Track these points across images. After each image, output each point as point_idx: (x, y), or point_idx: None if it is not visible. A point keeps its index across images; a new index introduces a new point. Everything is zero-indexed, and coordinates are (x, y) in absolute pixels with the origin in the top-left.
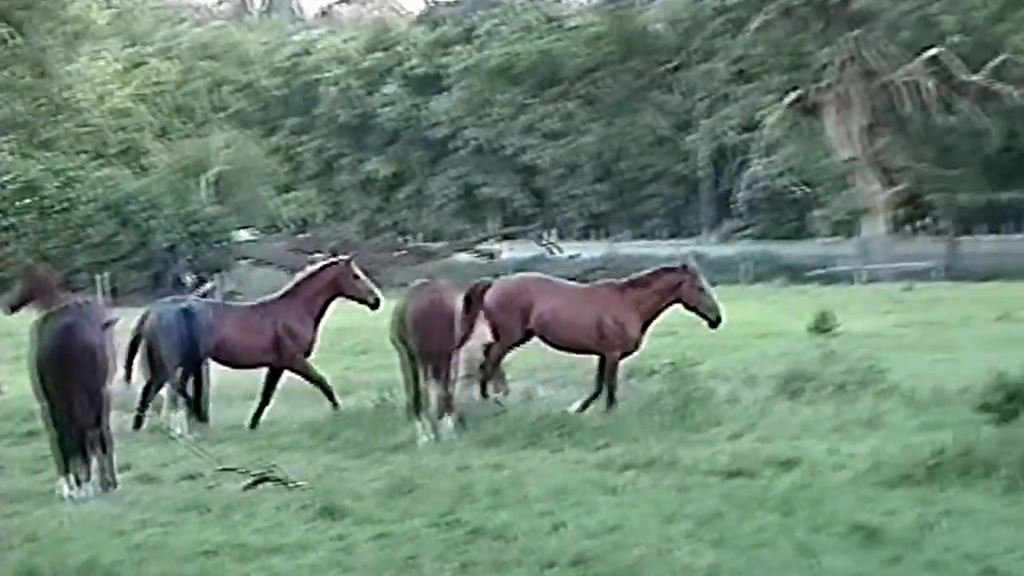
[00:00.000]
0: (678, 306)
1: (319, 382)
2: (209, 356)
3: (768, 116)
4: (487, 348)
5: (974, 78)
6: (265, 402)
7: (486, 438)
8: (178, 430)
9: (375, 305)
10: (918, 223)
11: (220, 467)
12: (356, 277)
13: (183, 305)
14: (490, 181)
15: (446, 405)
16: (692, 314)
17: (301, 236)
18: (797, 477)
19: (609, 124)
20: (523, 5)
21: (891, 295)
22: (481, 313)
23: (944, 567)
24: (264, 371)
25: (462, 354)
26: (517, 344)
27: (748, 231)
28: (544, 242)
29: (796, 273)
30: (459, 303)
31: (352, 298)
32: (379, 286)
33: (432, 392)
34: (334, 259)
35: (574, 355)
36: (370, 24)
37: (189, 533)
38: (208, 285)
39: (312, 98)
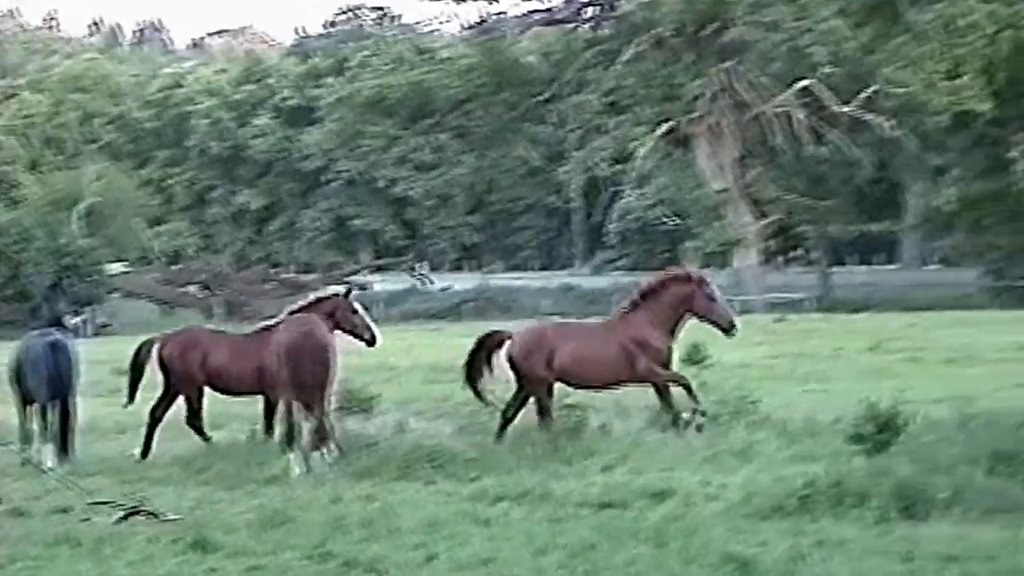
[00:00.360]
0: None
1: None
2: (201, 384)
3: (640, 147)
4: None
5: (845, 109)
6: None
7: (359, 470)
8: (49, 463)
9: (371, 342)
10: (790, 254)
11: (91, 500)
12: (354, 312)
13: (51, 338)
14: (362, 213)
15: (320, 437)
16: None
17: (173, 268)
18: (669, 508)
19: (481, 156)
20: (394, 37)
21: (763, 326)
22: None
23: None
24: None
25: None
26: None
27: (620, 262)
28: (416, 274)
29: None
30: (331, 336)
31: (348, 332)
32: (250, 318)
33: (305, 424)
34: (334, 292)
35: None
36: (241, 56)
37: (60, 567)
38: (79, 318)
39: (183, 130)
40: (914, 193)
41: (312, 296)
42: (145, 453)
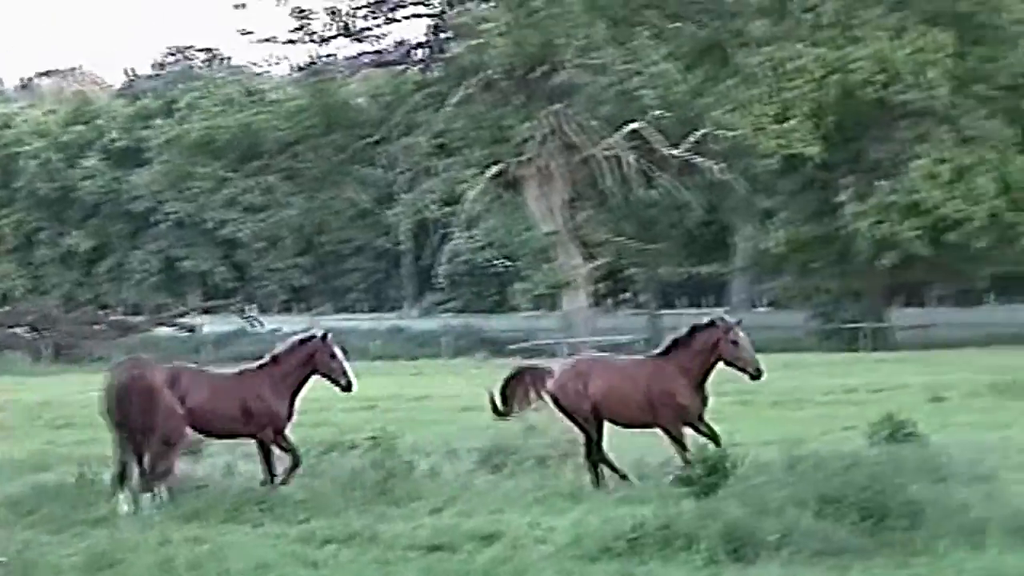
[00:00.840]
0: None
1: (292, 452)
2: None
3: (469, 190)
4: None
5: (675, 152)
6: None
7: (187, 512)
8: None
9: (347, 387)
10: (619, 296)
11: None
12: (333, 356)
13: None
14: (191, 254)
15: (149, 480)
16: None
17: (0, 310)
18: (499, 551)
19: (310, 197)
20: (224, 78)
21: None
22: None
23: None
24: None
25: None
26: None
27: (450, 304)
28: (245, 316)
29: (498, 347)
30: (160, 377)
31: (325, 376)
32: (79, 361)
33: (135, 467)
34: (315, 334)
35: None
36: (71, 97)
37: None
38: None
39: (12, 171)
40: (743, 236)
41: (294, 339)
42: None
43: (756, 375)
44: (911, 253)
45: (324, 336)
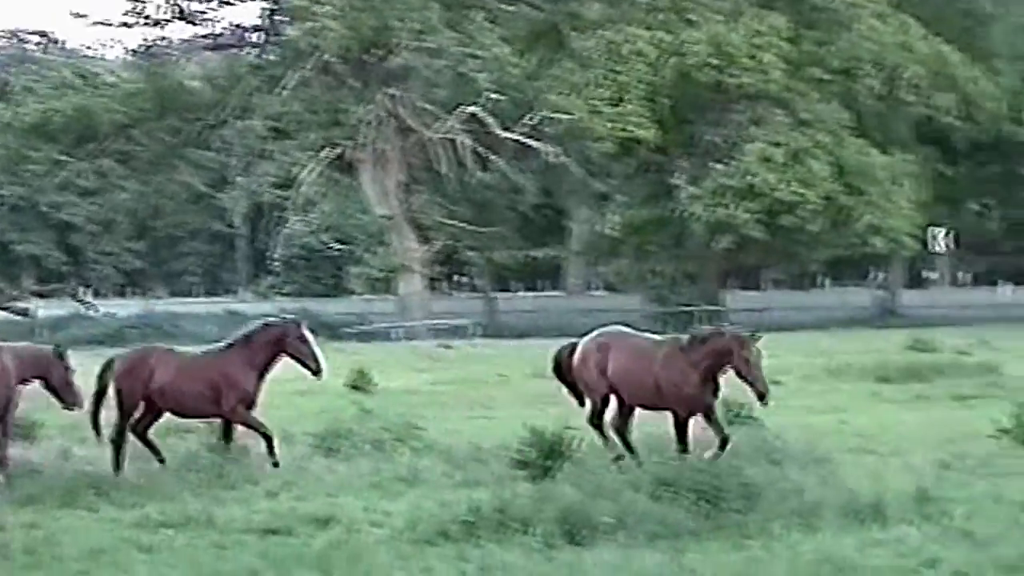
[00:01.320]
0: None
1: (262, 433)
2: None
3: (305, 173)
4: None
5: (510, 135)
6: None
7: (21, 497)
8: None
9: (316, 372)
10: (455, 280)
11: None
12: (303, 340)
13: None
14: (25, 238)
15: None
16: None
17: None
18: (334, 534)
19: (145, 181)
20: (58, 62)
21: (428, 352)
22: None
23: None
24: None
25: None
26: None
27: (285, 288)
28: (80, 299)
29: (333, 330)
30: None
31: (295, 359)
32: None
33: None
34: (285, 319)
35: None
36: None
37: None
38: None
39: None
40: (579, 219)
41: (261, 322)
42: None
43: (761, 397)
44: (746, 236)
45: (298, 322)
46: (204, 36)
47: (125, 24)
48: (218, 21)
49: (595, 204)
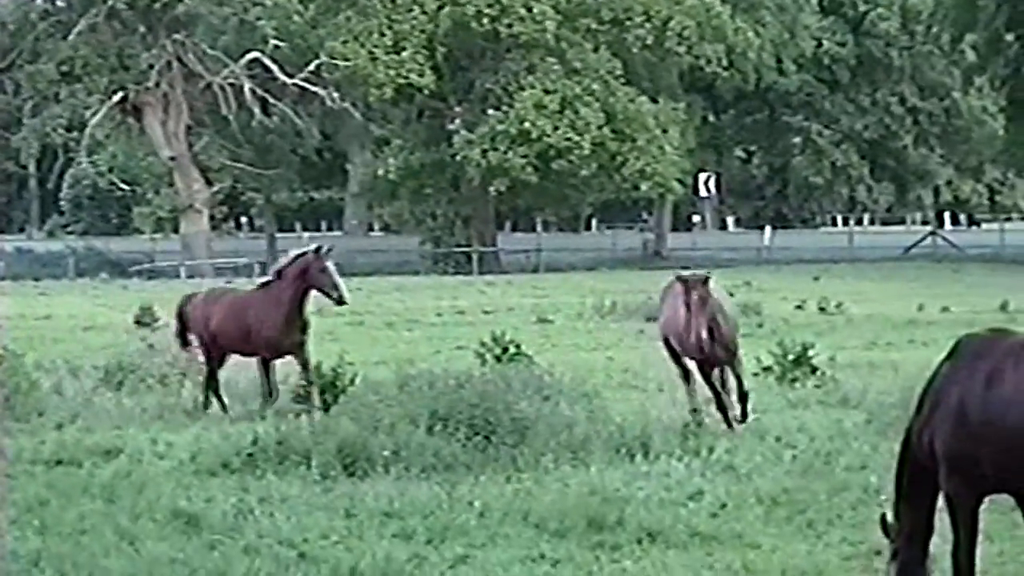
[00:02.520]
0: None
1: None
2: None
3: (93, 116)
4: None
5: (293, 81)
6: (269, 392)
7: None
8: None
9: (340, 301)
10: (238, 220)
11: None
12: (324, 270)
13: None
14: None
15: None
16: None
17: None
18: (119, 465)
19: None
20: None
21: None
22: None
23: (260, 552)
24: None
25: None
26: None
27: (74, 227)
28: None
29: (120, 268)
30: None
31: (318, 290)
32: None
33: None
34: (309, 249)
35: None
36: None
37: None
38: None
39: None
40: (358, 162)
41: (291, 254)
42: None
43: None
44: (520, 180)
45: (318, 249)
46: None
47: None
48: None
49: (374, 148)
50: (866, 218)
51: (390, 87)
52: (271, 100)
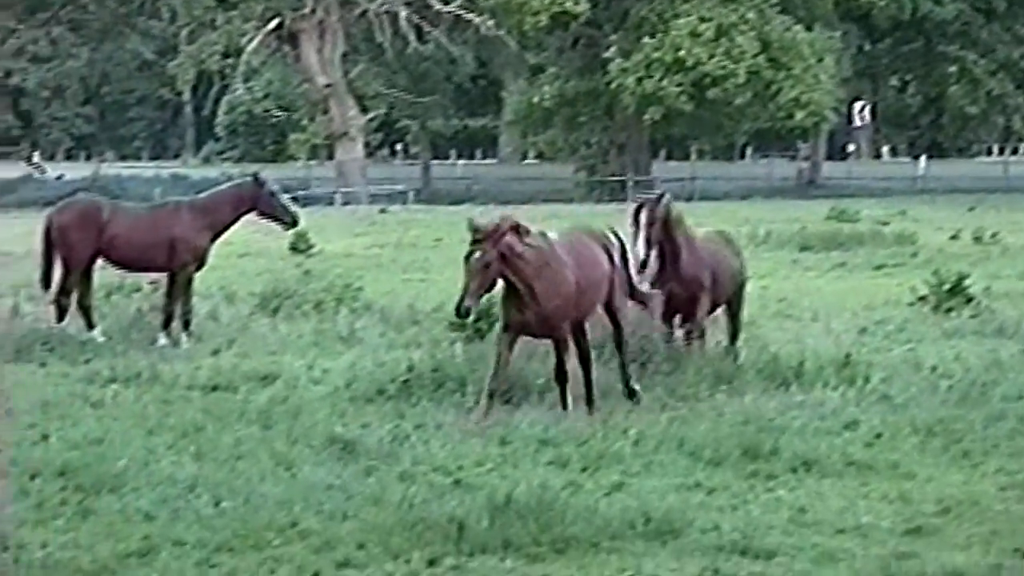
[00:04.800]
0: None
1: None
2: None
3: (248, 43)
4: None
5: (448, 8)
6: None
7: None
8: None
9: (293, 223)
10: (393, 148)
11: None
12: (273, 195)
13: None
14: None
15: None
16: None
17: None
18: (276, 391)
19: (95, 49)
20: None
21: (367, 217)
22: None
23: (416, 479)
24: None
25: None
26: None
27: (229, 154)
28: (31, 163)
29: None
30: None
31: (269, 217)
32: None
33: None
34: (250, 177)
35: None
36: None
37: None
38: None
39: None
40: (513, 90)
41: (230, 184)
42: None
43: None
44: (674, 108)
45: (256, 176)
46: None
47: None
48: None
49: (529, 76)
50: (1021, 148)
51: (545, 15)
52: (426, 28)
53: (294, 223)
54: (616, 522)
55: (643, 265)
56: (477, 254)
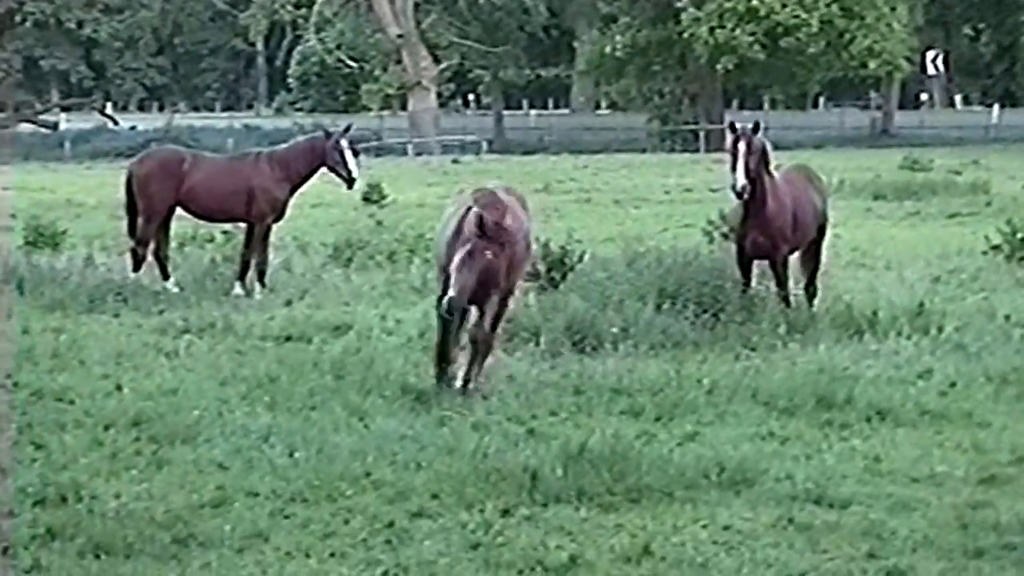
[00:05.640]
0: None
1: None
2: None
3: None
4: None
5: None
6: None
7: (47, 303)
8: None
9: (350, 182)
10: (465, 98)
11: None
12: (340, 151)
13: None
14: (51, 53)
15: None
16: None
17: None
18: (349, 342)
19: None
20: None
21: (439, 167)
22: None
23: (490, 429)
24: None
25: None
26: None
27: (301, 104)
28: (104, 113)
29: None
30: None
31: (331, 170)
32: None
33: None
34: (328, 131)
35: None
36: None
37: None
38: None
39: None
40: (585, 40)
41: (305, 137)
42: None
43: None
44: (747, 57)
45: (328, 134)
46: None
47: None
48: None
49: (601, 25)
50: None
51: None
52: None
53: (350, 183)
54: (690, 472)
55: (741, 195)
56: (488, 254)
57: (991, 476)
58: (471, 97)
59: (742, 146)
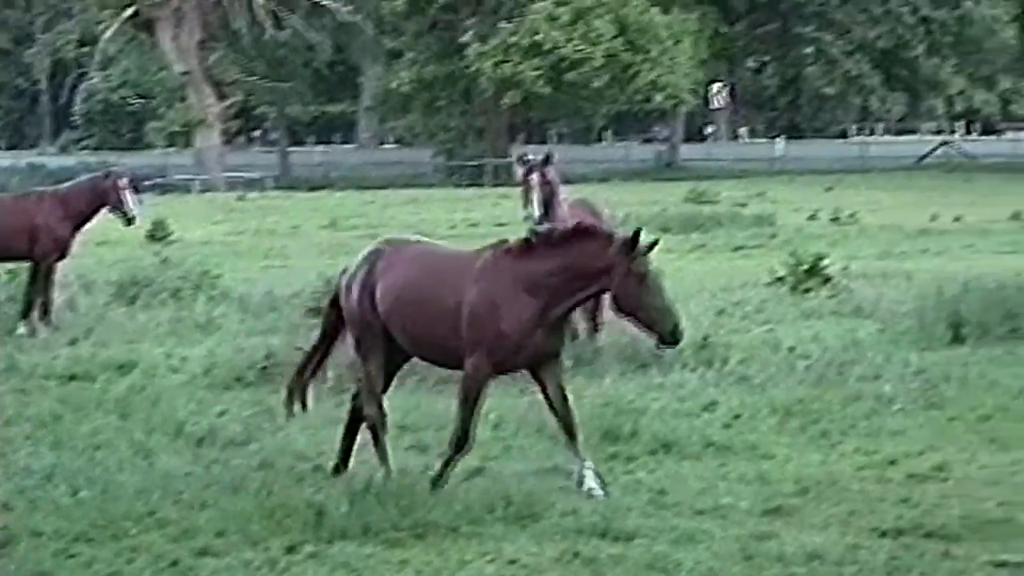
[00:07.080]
0: None
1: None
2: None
3: (105, 31)
4: None
5: None
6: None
7: None
8: None
9: (129, 222)
10: (251, 134)
11: None
12: (117, 191)
13: None
14: None
15: None
16: None
17: None
18: (134, 380)
19: None
20: None
21: (224, 204)
22: None
23: (275, 466)
24: None
25: None
26: None
27: (87, 142)
28: None
29: (134, 183)
30: None
31: (113, 210)
32: None
33: None
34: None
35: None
36: None
37: None
38: None
39: None
40: (371, 75)
41: (88, 176)
42: None
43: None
44: (532, 92)
45: (109, 174)
46: None
47: None
48: None
49: (387, 61)
50: (879, 128)
51: (402, 0)
52: (283, 14)
53: (129, 222)
54: (476, 506)
55: (538, 224)
56: None
57: (776, 507)
58: (257, 133)
59: (535, 177)
